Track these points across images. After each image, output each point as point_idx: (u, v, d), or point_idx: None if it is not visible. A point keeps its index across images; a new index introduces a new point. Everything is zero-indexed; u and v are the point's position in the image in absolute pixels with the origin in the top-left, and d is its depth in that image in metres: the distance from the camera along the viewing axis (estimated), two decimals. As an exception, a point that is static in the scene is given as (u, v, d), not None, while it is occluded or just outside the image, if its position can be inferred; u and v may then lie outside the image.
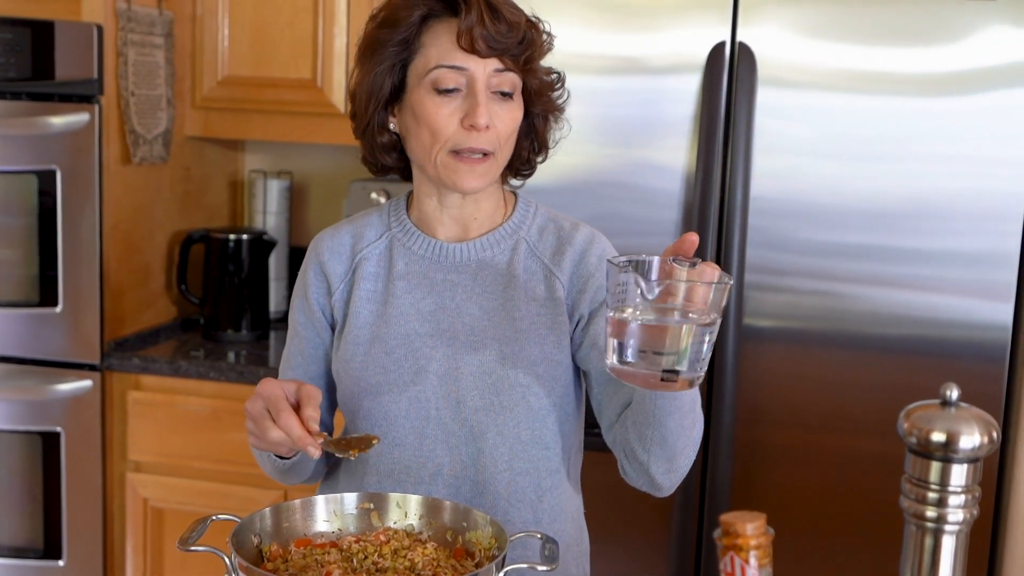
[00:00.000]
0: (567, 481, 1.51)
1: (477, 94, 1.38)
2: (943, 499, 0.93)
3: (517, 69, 1.40)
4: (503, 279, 1.46)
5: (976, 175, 2.11)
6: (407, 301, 1.47)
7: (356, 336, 1.47)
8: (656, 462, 1.37)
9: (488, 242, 1.48)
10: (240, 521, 1.23)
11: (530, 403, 1.43)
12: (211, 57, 2.84)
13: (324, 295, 1.53)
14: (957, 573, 0.94)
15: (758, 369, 2.23)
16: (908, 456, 0.95)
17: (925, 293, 2.15)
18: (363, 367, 1.46)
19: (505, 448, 1.44)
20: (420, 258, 1.49)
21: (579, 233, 1.49)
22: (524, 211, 1.51)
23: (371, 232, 1.53)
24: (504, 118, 1.40)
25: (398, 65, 1.42)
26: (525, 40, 1.39)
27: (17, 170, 2.61)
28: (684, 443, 1.36)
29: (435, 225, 1.49)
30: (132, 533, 2.71)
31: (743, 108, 2.16)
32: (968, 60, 2.09)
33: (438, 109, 1.38)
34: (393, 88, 1.43)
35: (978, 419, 0.93)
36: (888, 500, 2.17)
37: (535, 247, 1.49)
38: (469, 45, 1.36)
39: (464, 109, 1.38)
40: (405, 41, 1.40)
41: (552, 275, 1.46)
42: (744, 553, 0.90)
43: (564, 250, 1.47)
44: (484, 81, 1.38)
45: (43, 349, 2.66)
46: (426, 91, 1.39)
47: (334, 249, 1.53)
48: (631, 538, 2.33)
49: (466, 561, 1.24)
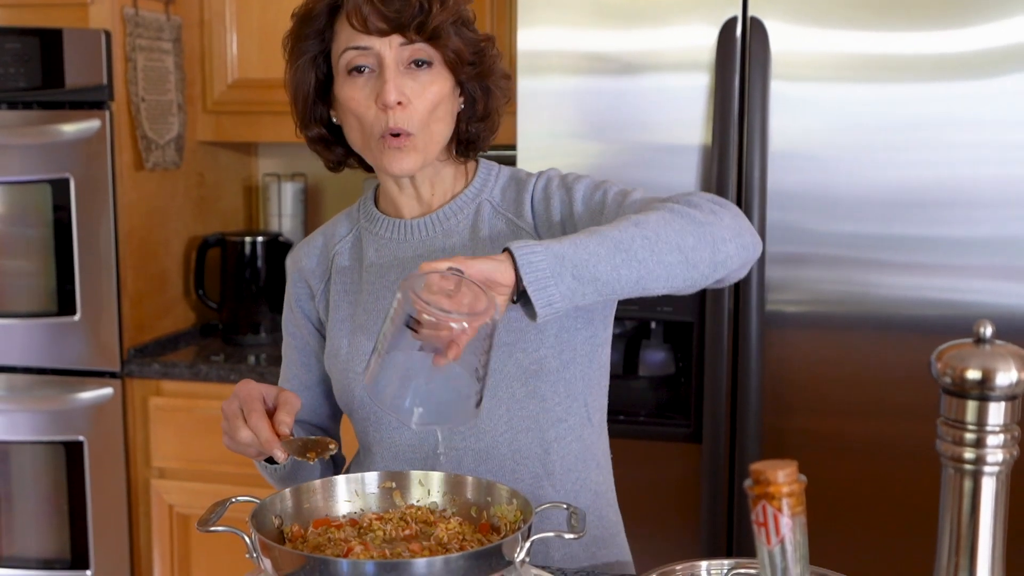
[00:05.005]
0: (579, 427, 1.46)
1: (384, 70, 1.35)
2: (981, 439, 0.89)
3: (424, 40, 1.35)
4: (470, 243, 1.44)
5: (997, 160, 2.07)
6: (381, 285, 1.46)
7: (338, 329, 1.48)
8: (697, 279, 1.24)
9: (450, 211, 1.46)
10: (260, 502, 1.20)
11: (519, 360, 1.39)
12: (220, 61, 2.84)
13: (308, 299, 1.54)
14: (999, 516, 0.91)
15: (782, 357, 2.20)
16: (943, 397, 0.91)
17: (947, 279, 2.11)
18: (349, 358, 1.45)
19: (502, 409, 1.41)
20: (388, 241, 1.48)
21: (534, 176, 1.47)
22: (485, 175, 1.49)
23: (341, 229, 1.54)
24: (420, 92, 1.36)
25: (319, 57, 1.41)
26: (423, 10, 1.34)
27: (31, 180, 2.61)
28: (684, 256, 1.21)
29: (400, 206, 1.48)
30: (158, 540, 2.70)
31: (756, 100, 2.13)
32: (987, 41, 2.05)
33: (354, 92, 1.37)
34: (318, 81, 1.42)
35: (1015, 355, 0.89)
36: (916, 484, 2.15)
37: (498, 206, 1.46)
38: (361, 25, 1.34)
39: (377, 88, 1.36)
40: (319, 32, 1.40)
41: (517, 228, 1.43)
42: (776, 501, 0.87)
43: (522, 197, 1.45)
44: (393, 57, 1.35)
45: (63, 358, 2.66)
46: (343, 77, 1.38)
47: (310, 254, 1.54)
48: (661, 525, 2.30)
49: (492, 536, 1.21)
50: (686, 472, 2.28)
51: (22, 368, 2.67)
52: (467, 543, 1.18)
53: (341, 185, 3.17)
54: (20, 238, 2.64)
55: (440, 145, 1.42)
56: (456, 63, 1.38)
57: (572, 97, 2.25)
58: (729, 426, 2.21)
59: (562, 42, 2.22)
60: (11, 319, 2.66)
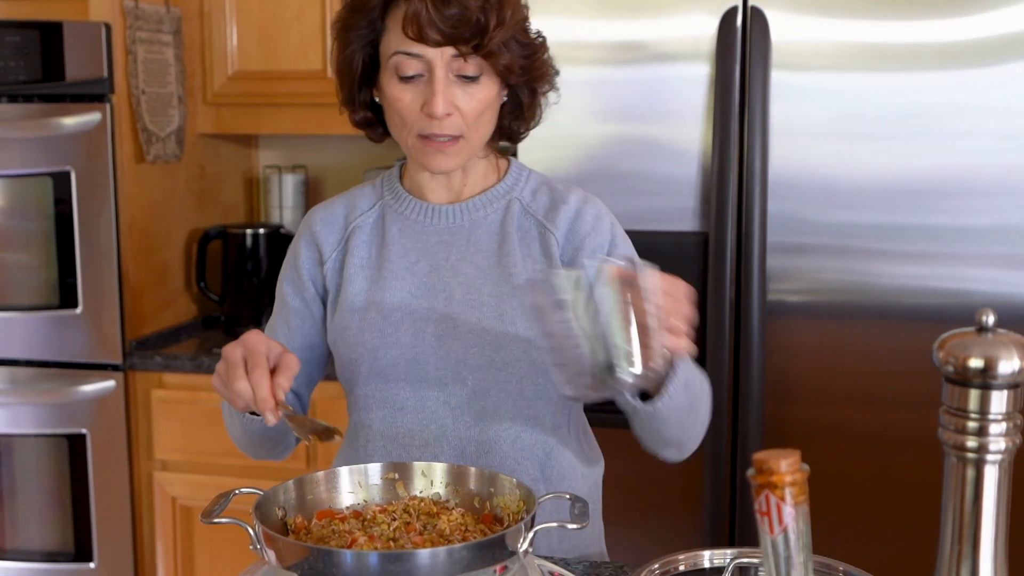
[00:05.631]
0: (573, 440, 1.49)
1: (435, 82, 1.34)
2: (983, 428, 0.90)
3: (476, 53, 1.35)
4: (497, 237, 1.45)
5: (999, 149, 2.07)
6: (401, 265, 1.45)
7: (351, 303, 1.46)
8: (664, 452, 1.41)
9: (480, 202, 1.47)
10: (263, 493, 1.20)
11: (532, 357, 1.40)
12: (220, 53, 2.84)
13: (315, 265, 1.51)
14: (1002, 504, 0.91)
15: (784, 347, 2.20)
16: (945, 386, 0.92)
17: (948, 267, 2.11)
18: (360, 332, 1.44)
19: (509, 404, 1.42)
20: (413, 222, 1.48)
21: (572, 194, 1.48)
22: (517, 174, 1.50)
23: (364, 202, 1.52)
24: (468, 102, 1.37)
25: (368, 45, 1.41)
26: (478, 25, 1.32)
27: (32, 173, 2.61)
28: (689, 432, 1.38)
29: (426, 192, 1.49)
30: (162, 532, 2.70)
31: (757, 90, 2.12)
32: (988, 30, 2.04)
33: (400, 95, 1.37)
34: (365, 67, 1.42)
35: (1016, 344, 0.90)
36: (919, 473, 2.15)
37: (528, 206, 1.47)
38: (416, 34, 1.33)
39: (425, 95, 1.36)
40: (371, 23, 1.39)
41: (547, 231, 1.45)
42: (779, 491, 0.87)
43: (558, 208, 1.46)
44: (443, 67, 1.35)
45: (65, 351, 2.66)
46: (390, 76, 1.38)
47: (327, 220, 1.52)
48: (663, 515, 2.30)
49: (495, 527, 1.22)
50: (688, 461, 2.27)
51: (24, 361, 2.67)
52: (470, 534, 1.18)
53: (342, 176, 3.17)
54: (21, 231, 2.64)
55: (482, 143, 1.43)
56: (506, 73, 1.38)
57: (572, 87, 2.24)
58: (731, 415, 2.21)
59: (562, 32, 2.21)
60: (13, 312, 2.66)
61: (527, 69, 1.40)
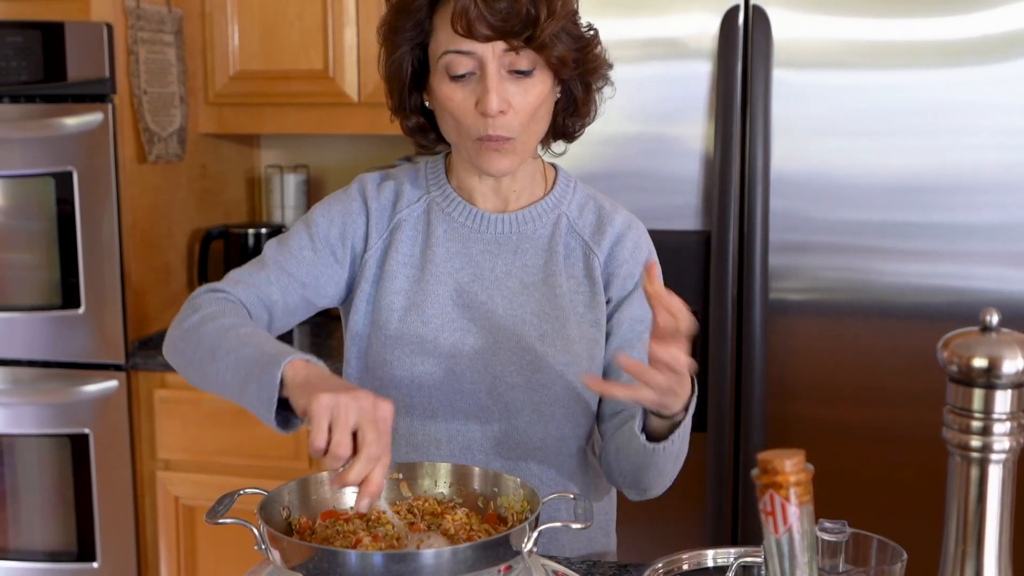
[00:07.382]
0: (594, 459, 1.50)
1: (487, 79, 1.31)
2: (987, 427, 0.90)
3: (528, 46, 1.31)
4: (544, 254, 1.43)
5: (1001, 147, 2.07)
6: (445, 270, 1.43)
7: (391, 302, 1.42)
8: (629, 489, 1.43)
9: (530, 215, 1.44)
10: (268, 494, 1.21)
11: (568, 381, 1.40)
12: (222, 53, 2.84)
13: (360, 234, 1.44)
14: (1006, 504, 0.91)
15: (786, 345, 2.20)
16: (949, 385, 0.92)
17: (951, 265, 2.11)
18: (398, 335, 1.41)
19: (540, 426, 1.41)
20: (460, 226, 1.44)
21: (619, 215, 1.47)
22: (564, 186, 1.48)
23: (411, 192, 1.46)
24: (522, 98, 1.33)
25: (416, 48, 1.37)
26: (529, 17, 1.29)
27: (34, 173, 2.61)
28: (660, 479, 1.40)
29: (475, 195, 1.45)
30: (164, 532, 2.70)
31: (759, 88, 2.12)
32: (990, 27, 2.04)
33: (452, 95, 1.34)
34: (415, 70, 1.38)
35: (1021, 343, 0.90)
36: (923, 472, 2.15)
37: (575, 223, 1.45)
38: (465, 30, 1.29)
39: (478, 93, 1.32)
40: (418, 24, 1.36)
41: (591, 252, 1.44)
42: (784, 491, 0.87)
43: (604, 229, 1.44)
44: (495, 63, 1.31)
45: (68, 351, 2.66)
46: (441, 77, 1.34)
47: (381, 197, 1.46)
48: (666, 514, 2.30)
49: (499, 526, 1.22)
50: (691, 461, 2.27)
51: (27, 361, 2.68)
52: (474, 534, 1.19)
53: (344, 176, 3.16)
54: (24, 231, 2.65)
55: (536, 141, 1.41)
56: (559, 67, 1.35)
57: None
58: (733, 415, 2.22)
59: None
60: (15, 312, 2.66)
61: (580, 62, 1.37)
